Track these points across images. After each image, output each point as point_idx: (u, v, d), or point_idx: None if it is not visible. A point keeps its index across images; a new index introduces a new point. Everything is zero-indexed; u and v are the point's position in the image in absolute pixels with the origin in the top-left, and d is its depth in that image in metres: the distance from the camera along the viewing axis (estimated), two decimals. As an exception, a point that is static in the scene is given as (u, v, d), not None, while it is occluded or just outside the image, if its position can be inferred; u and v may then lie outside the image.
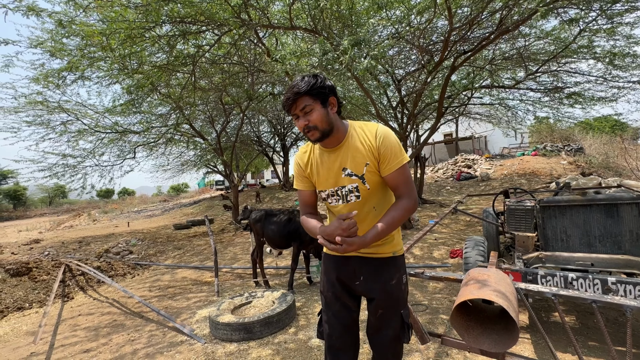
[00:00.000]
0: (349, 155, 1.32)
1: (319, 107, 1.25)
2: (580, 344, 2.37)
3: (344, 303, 1.43)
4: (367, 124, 1.36)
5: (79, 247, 8.28)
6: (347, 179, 1.33)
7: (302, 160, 1.46)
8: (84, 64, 4.54)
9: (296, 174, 1.50)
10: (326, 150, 1.37)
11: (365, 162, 1.29)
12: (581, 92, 7.41)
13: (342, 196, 1.37)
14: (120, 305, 4.12)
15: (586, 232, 2.54)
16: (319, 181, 1.41)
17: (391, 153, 1.27)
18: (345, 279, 1.44)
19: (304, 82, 1.24)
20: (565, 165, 12.74)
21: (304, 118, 1.25)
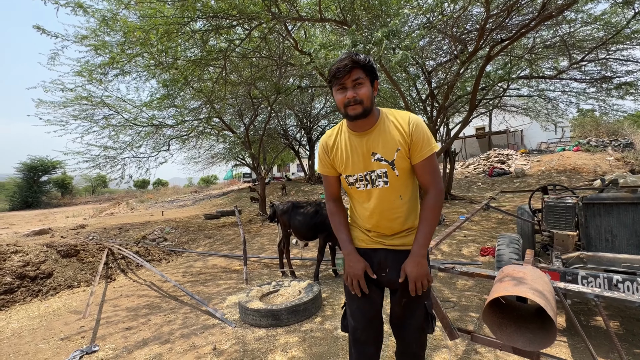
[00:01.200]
0: (380, 140, 1.31)
1: (369, 84, 1.25)
2: (625, 351, 2.22)
3: (369, 296, 1.42)
4: (399, 112, 1.36)
5: (119, 233, 8.87)
6: (377, 164, 1.32)
7: (328, 143, 1.43)
8: (123, 59, 4.81)
9: (320, 157, 1.48)
10: (355, 134, 1.35)
11: (397, 147, 1.29)
12: (634, 82, 6.78)
13: (370, 181, 1.36)
14: (157, 288, 4.39)
15: (635, 232, 2.36)
16: (347, 165, 1.38)
17: (423, 140, 1.28)
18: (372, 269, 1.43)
19: (360, 56, 1.24)
20: (612, 162, 11.79)
21: (352, 90, 1.23)
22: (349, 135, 1.37)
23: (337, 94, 1.27)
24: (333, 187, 1.50)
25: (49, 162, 27.03)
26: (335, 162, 1.42)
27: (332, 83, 1.27)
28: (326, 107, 15.10)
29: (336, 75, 1.23)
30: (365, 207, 1.40)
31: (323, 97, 13.39)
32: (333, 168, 1.45)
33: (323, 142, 1.45)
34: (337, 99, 1.27)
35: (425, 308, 1.40)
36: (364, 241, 1.46)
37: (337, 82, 1.24)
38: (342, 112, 1.29)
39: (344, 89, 1.24)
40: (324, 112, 15.69)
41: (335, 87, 1.26)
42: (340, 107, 1.28)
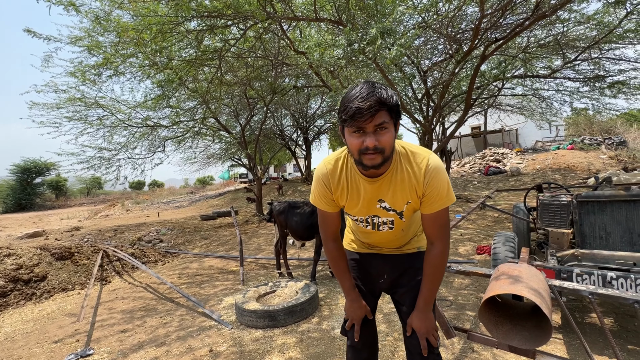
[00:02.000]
0: (390, 189, 1.14)
1: (393, 129, 1.03)
2: (620, 347, 2.24)
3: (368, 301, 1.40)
4: (416, 152, 1.14)
5: (114, 234, 8.80)
6: (383, 212, 1.20)
7: (332, 180, 1.20)
8: (117, 60, 4.77)
9: (319, 194, 1.24)
10: (365, 179, 1.15)
11: (407, 200, 1.15)
12: (626, 81, 6.85)
13: (373, 224, 1.26)
14: (153, 290, 4.35)
15: (628, 229, 2.38)
16: (350, 206, 1.24)
17: (437, 195, 1.11)
18: (368, 278, 1.41)
19: (388, 93, 0.99)
20: (605, 160, 11.92)
21: (374, 136, 0.98)
22: (355, 176, 1.17)
23: (351, 137, 1.02)
24: (334, 224, 1.31)
25: (42, 163, 26.77)
26: (338, 200, 1.24)
27: (345, 122, 1.01)
28: (322, 107, 15.10)
29: (355, 116, 0.96)
30: (365, 234, 1.36)
31: (319, 96, 13.38)
32: (335, 204, 1.26)
33: (324, 177, 1.21)
34: (351, 143, 1.03)
35: None
36: (360, 247, 1.43)
37: (354, 124, 0.98)
38: (354, 157, 1.06)
39: (361, 133, 1.00)
40: (320, 112, 15.69)
41: (350, 127, 1.01)
42: (354, 152, 1.04)
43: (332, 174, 1.20)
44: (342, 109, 1.02)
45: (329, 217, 1.29)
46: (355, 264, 1.43)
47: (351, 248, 1.46)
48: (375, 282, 1.39)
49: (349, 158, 1.18)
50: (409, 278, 1.34)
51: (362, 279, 1.41)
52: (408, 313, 1.31)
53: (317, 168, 1.26)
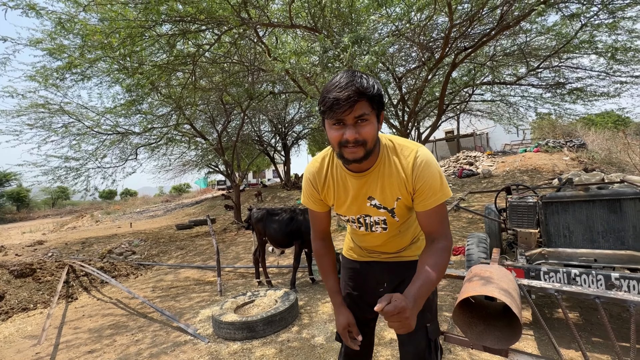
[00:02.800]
0: (378, 184, 1.09)
1: (375, 120, 0.97)
2: (584, 340, 2.36)
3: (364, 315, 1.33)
4: (404, 145, 1.09)
5: (82, 248, 8.32)
6: (374, 210, 1.14)
7: (318, 179, 1.17)
8: (83, 63, 4.55)
9: (307, 193, 1.22)
10: (351, 174, 1.11)
11: (397, 197, 1.08)
12: (583, 88, 7.36)
13: (365, 225, 1.20)
14: (124, 306, 4.13)
15: (589, 227, 2.53)
16: (338, 205, 1.19)
17: (430, 189, 1.02)
18: (367, 287, 1.35)
19: (368, 82, 0.93)
20: (568, 161, 12.68)
21: (354, 129, 0.93)
22: (343, 173, 1.13)
23: (331, 130, 0.97)
24: (323, 223, 1.28)
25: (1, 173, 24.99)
26: (325, 198, 1.21)
27: (325, 114, 0.96)
28: (300, 113, 15.12)
29: (333, 108, 0.91)
30: (360, 237, 1.32)
31: (297, 102, 13.40)
32: (324, 204, 1.23)
33: (310, 176, 1.19)
34: (331, 136, 0.97)
35: (426, 332, 1.23)
36: (361, 255, 1.38)
37: (333, 115, 0.92)
38: (335, 150, 1.01)
39: (341, 125, 0.94)
40: (298, 118, 15.70)
41: (329, 120, 0.95)
42: (333, 145, 0.99)
43: (318, 172, 1.17)
44: (320, 100, 0.97)
45: (318, 216, 1.27)
46: (354, 273, 1.38)
47: (349, 256, 1.41)
48: (376, 291, 1.32)
49: (334, 156, 1.15)
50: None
51: (362, 289, 1.35)
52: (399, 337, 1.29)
53: (306, 168, 1.25)
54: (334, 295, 1.25)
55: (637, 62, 6.35)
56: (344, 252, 1.46)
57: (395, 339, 2.56)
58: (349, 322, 1.19)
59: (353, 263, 1.40)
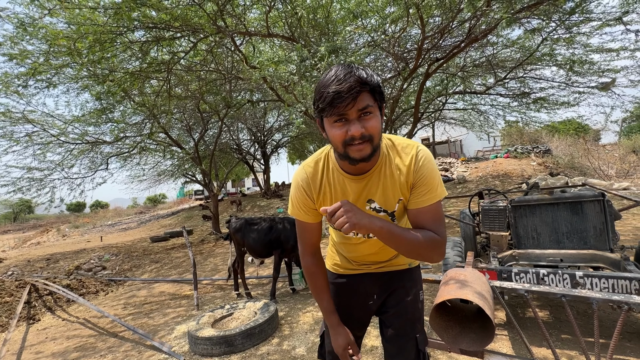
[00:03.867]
0: (379, 185, 1.02)
1: (378, 113, 0.89)
2: (554, 337, 2.46)
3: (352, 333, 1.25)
4: (405, 142, 1.03)
5: (47, 265, 7.79)
6: (373, 214, 1.03)
7: (313, 184, 1.06)
8: (49, 70, 4.34)
9: (299, 202, 1.09)
10: (349, 177, 1.02)
11: (399, 198, 1.02)
12: (546, 97, 7.85)
13: None
14: (92, 326, 3.89)
15: (554, 229, 2.67)
16: None
17: (428, 184, 0.97)
18: (355, 302, 1.28)
19: (367, 72, 0.86)
20: (535, 166, 13.39)
21: (358, 123, 0.85)
22: (341, 177, 1.04)
23: (332, 128, 0.88)
24: (314, 236, 1.15)
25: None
26: (320, 206, 1.08)
27: (324, 111, 0.86)
28: (280, 121, 15.10)
29: (334, 102, 0.82)
30: (352, 247, 1.22)
31: (276, 110, 13.38)
32: (316, 213, 1.10)
33: (303, 182, 1.06)
34: (334, 135, 0.88)
35: (416, 343, 1.20)
36: (348, 268, 1.29)
37: (334, 111, 0.84)
38: (339, 151, 0.91)
39: (344, 121, 0.86)
40: (277, 126, 15.67)
41: (330, 117, 0.87)
42: (337, 145, 0.90)
43: (312, 177, 1.05)
44: (317, 96, 0.87)
45: (309, 228, 1.12)
46: (341, 288, 1.29)
47: (335, 270, 1.32)
48: (365, 305, 1.27)
49: (329, 158, 1.06)
50: (398, 299, 1.24)
51: (350, 305, 1.27)
52: (394, 339, 1.21)
53: (295, 173, 1.11)
54: (330, 315, 1.17)
55: (593, 73, 6.86)
56: (327, 266, 1.36)
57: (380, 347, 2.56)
58: (349, 342, 1.14)
59: (339, 278, 1.30)
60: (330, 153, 1.07)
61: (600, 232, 2.53)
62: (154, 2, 3.27)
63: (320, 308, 1.18)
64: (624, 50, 5.89)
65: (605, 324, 2.56)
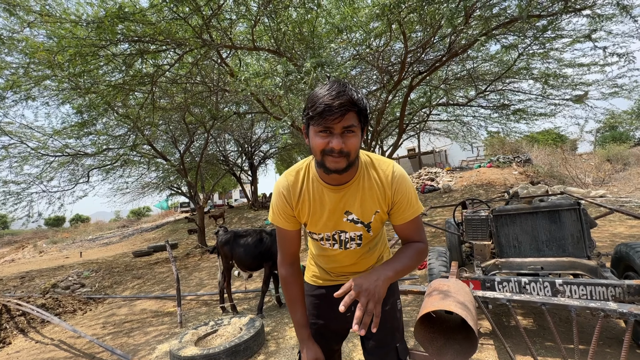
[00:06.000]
0: (357, 198, 1.08)
1: (359, 134, 0.97)
2: (538, 345, 2.49)
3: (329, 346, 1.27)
4: (380, 161, 1.12)
5: (21, 283, 7.42)
6: (350, 225, 1.12)
7: (293, 192, 1.11)
8: (28, 82, 4.23)
9: (279, 209, 1.13)
10: (328, 187, 1.08)
11: (375, 210, 1.10)
12: (524, 109, 8.17)
13: (339, 242, 1.16)
14: (67, 347, 3.70)
15: (534, 237, 2.74)
16: (313, 222, 1.14)
17: (407, 202, 1.08)
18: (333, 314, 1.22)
19: (358, 95, 0.94)
20: (517, 175, 13.77)
21: (340, 138, 0.93)
22: (320, 187, 1.09)
23: (316, 137, 0.95)
24: (293, 244, 1.18)
25: None
26: (300, 215, 1.14)
27: (312, 120, 0.94)
28: (267, 132, 15.12)
29: (323, 114, 0.90)
30: (330, 258, 1.24)
31: (263, 122, 13.40)
32: (295, 221, 1.15)
33: (284, 190, 1.11)
34: (316, 143, 0.96)
35: (397, 353, 1.21)
36: (327, 280, 1.30)
37: (322, 122, 0.92)
38: (317, 158, 1.00)
39: (328, 133, 0.94)
40: (265, 137, 15.67)
41: (316, 126, 0.94)
42: (316, 152, 0.98)
43: (293, 185, 1.11)
44: (309, 105, 0.95)
45: (288, 236, 1.17)
46: (319, 300, 1.29)
47: (314, 282, 1.32)
48: (343, 317, 1.22)
49: (310, 169, 1.12)
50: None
51: (329, 317, 1.27)
52: (375, 350, 1.21)
53: (277, 181, 1.16)
54: (302, 328, 1.17)
55: (567, 87, 7.20)
56: (306, 278, 1.37)
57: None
58: (316, 358, 1.15)
59: (318, 289, 1.31)
60: (312, 164, 1.12)
61: (578, 239, 2.61)
62: (138, 17, 3.26)
63: (293, 320, 1.19)
64: (594, 65, 6.22)
65: (587, 330, 2.61)
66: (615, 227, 5.89)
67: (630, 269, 2.34)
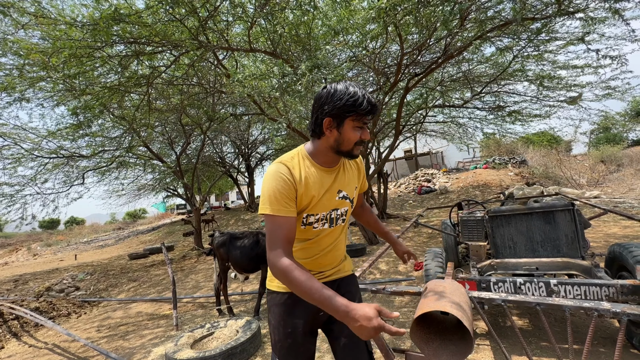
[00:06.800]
0: (345, 177, 1.29)
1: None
2: (534, 345, 2.51)
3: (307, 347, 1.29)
4: None
5: (15, 286, 7.34)
6: (341, 202, 1.27)
7: (294, 175, 1.14)
8: (22, 84, 4.20)
9: (282, 195, 1.09)
10: (324, 170, 1.22)
11: (355, 185, 1.34)
12: (519, 110, 8.23)
13: (329, 220, 1.25)
14: (61, 351, 3.66)
15: (529, 238, 2.75)
16: (315, 204, 1.19)
17: (364, 176, 1.44)
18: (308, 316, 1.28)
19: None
20: (513, 177, 13.87)
21: (365, 131, 1.16)
22: (317, 169, 1.20)
23: (352, 130, 1.13)
24: (292, 231, 1.11)
25: None
26: (302, 198, 1.15)
27: (351, 114, 1.09)
28: (264, 134, 15.09)
29: (370, 111, 1.10)
30: (315, 246, 1.27)
31: (260, 123, 13.38)
32: (294, 206, 1.15)
33: (286, 172, 1.12)
34: (350, 136, 1.13)
35: (366, 346, 1.29)
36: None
37: (362, 118, 1.11)
38: (347, 148, 1.16)
39: (362, 128, 1.15)
40: (262, 138, 15.64)
41: (355, 121, 1.12)
42: (350, 143, 1.15)
43: (293, 169, 1.14)
44: (352, 101, 1.08)
45: (288, 223, 1.09)
46: (293, 305, 1.28)
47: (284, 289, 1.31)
48: (316, 316, 1.28)
49: (303, 155, 1.22)
50: None
51: (301, 317, 1.28)
52: (348, 346, 1.24)
53: (272, 170, 1.12)
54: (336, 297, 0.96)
55: (561, 88, 7.27)
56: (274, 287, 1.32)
57: None
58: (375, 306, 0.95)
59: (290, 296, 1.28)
60: (302, 150, 1.24)
61: (572, 240, 2.63)
62: (133, 19, 3.25)
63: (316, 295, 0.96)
64: (587, 67, 6.29)
65: (582, 330, 2.63)
66: (609, 227, 5.95)
67: (624, 269, 2.36)
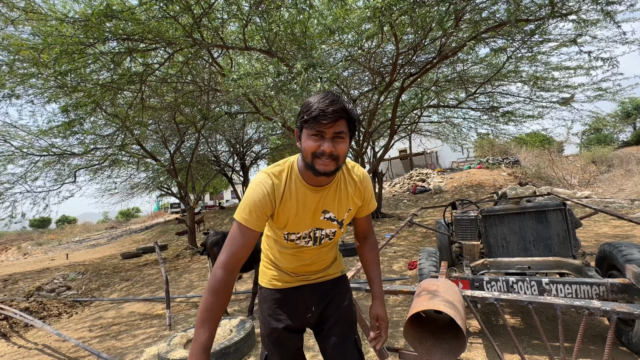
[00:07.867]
0: (335, 198, 1.18)
1: (348, 141, 1.06)
2: (526, 344, 2.53)
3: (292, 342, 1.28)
4: (352, 165, 1.26)
5: (4, 286, 7.22)
6: (327, 223, 1.20)
7: (276, 191, 1.10)
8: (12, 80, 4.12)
9: (257, 206, 1.07)
10: (310, 188, 1.14)
11: (349, 207, 1.22)
12: (513, 111, 8.32)
13: (314, 238, 1.21)
14: (52, 352, 3.61)
15: (522, 237, 2.78)
16: (294, 223, 1.15)
17: (371, 197, 1.28)
18: (294, 315, 1.27)
19: (350, 106, 1.04)
20: (506, 177, 14.01)
21: (330, 143, 1.00)
22: (302, 187, 1.13)
23: (308, 139, 1.02)
24: (247, 248, 1.07)
25: None
26: (279, 216, 1.13)
27: (306, 123, 1.00)
28: (259, 133, 15.04)
29: (317, 118, 0.97)
30: (298, 257, 1.26)
31: (255, 122, 13.32)
32: (265, 222, 1.12)
33: (268, 187, 1.09)
34: (307, 145, 1.02)
35: (356, 343, 1.28)
36: (287, 282, 1.31)
37: (315, 126, 0.99)
38: (307, 160, 1.04)
39: (320, 137, 1.00)
40: (257, 137, 15.58)
41: (309, 129, 1.01)
42: (307, 155, 1.03)
43: (277, 186, 1.10)
44: (304, 109, 1.02)
45: (250, 237, 1.07)
46: (279, 302, 1.29)
47: (273, 286, 1.31)
48: (303, 317, 1.28)
49: (292, 170, 1.14)
50: (336, 306, 1.31)
51: (287, 319, 1.27)
52: (338, 345, 1.25)
53: (258, 179, 1.11)
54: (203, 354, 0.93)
55: (554, 89, 7.36)
56: (263, 283, 1.34)
57: None
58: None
59: (277, 293, 1.29)
60: (294, 165, 1.16)
61: (563, 239, 2.67)
62: (126, 15, 3.21)
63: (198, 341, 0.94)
64: (580, 69, 6.38)
65: (573, 329, 2.67)
66: (599, 227, 6.04)
67: (614, 267, 2.40)
